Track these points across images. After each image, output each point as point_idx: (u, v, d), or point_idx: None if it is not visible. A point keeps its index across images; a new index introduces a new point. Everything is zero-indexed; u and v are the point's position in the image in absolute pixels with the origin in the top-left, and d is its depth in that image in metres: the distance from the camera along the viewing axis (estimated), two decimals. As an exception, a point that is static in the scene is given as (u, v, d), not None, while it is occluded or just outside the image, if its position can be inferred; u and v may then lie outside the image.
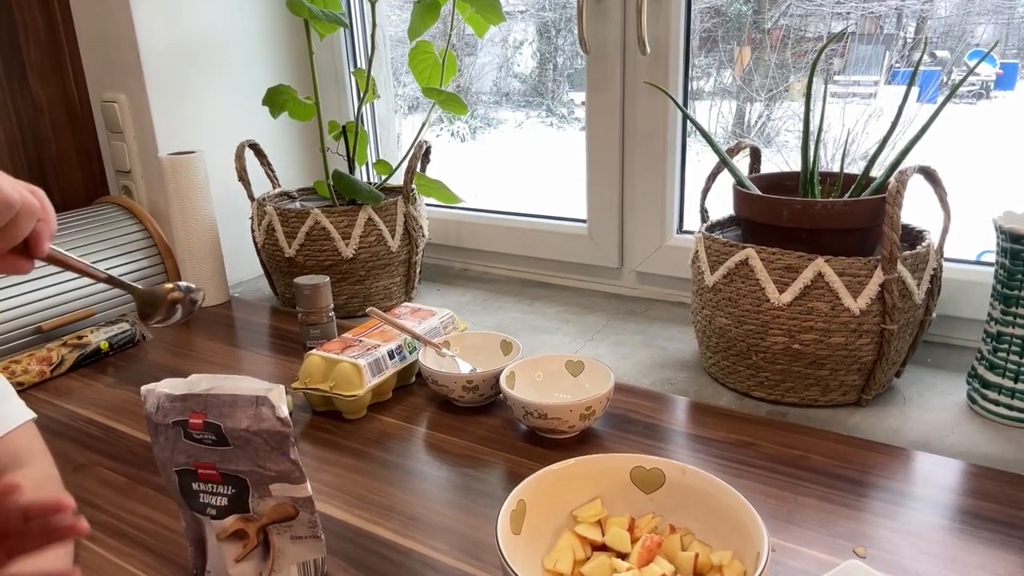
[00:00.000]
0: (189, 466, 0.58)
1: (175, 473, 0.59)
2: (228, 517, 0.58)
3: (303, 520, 0.58)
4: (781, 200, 0.88)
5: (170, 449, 0.59)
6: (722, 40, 1.59)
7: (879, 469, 0.76)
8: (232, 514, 0.58)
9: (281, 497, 0.58)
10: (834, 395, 0.89)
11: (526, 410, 0.81)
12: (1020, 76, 1.56)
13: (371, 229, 1.22)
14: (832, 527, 0.67)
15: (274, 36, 1.46)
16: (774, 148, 1.64)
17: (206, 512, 0.58)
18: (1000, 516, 0.68)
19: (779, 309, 0.85)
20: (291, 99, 1.25)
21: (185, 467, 0.59)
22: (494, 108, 2.23)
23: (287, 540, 0.59)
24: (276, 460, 0.56)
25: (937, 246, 0.89)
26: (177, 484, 0.59)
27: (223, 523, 0.58)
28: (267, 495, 0.57)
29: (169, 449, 0.59)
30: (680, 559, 0.57)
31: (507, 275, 1.44)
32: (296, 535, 0.59)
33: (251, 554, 0.58)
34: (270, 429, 0.55)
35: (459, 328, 1.06)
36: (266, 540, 0.59)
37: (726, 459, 0.79)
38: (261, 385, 0.56)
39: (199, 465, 0.58)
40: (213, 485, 0.58)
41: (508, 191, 2.08)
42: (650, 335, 1.14)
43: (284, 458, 0.56)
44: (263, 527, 0.58)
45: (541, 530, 0.61)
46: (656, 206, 1.23)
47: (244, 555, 0.58)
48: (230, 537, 0.58)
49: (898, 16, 1.52)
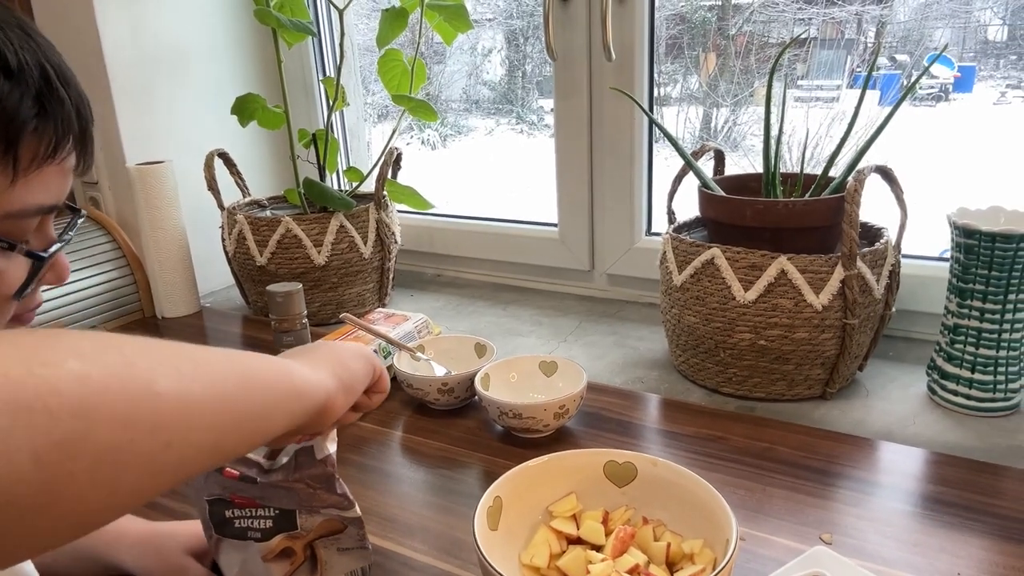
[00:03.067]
0: (224, 496, 0.56)
1: (206, 502, 0.56)
2: (275, 537, 0.56)
3: (351, 533, 0.57)
4: (744, 201, 0.90)
5: (202, 477, 0.55)
6: (688, 46, 1.62)
7: (844, 459, 0.78)
8: (279, 534, 0.56)
9: (329, 514, 0.56)
10: (800, 389, 0.91)
11: (501, 410, 0.82)
12: (978, 79, 1.61)
13: (343, 236, 1.22)
14: (799, 515, 0.70)
15: (242, 45, 1.46)
16: (741, 152, 1.68)
17: (247, 536, 0.56)
18: (960, 501, 0.71)
19: (745, 306, 0.87)
20: (260, 107, 1.25)
21: (219, 497, 0.56)
22: (464, 116, 2.24)
23: (334, 552, 0.57)
24: (322, 498, 0.54)
25: (895, 243, 0.92)
26: (207, 513, 0.57)
27: (269, 544, 0.56)
28: (316, 513, 0.56)
29: (201, 477, 0.55)
30: (653, 549, 0.59)
31: (480, 280, 1.45)
32: (343, 547, 0.57)
33: (298, 570, 0.56)
34: (314, 473, 0.53)
35: (433, 332, 1.06)
36: (312, 553, 0.57)
37: (697, 453, 0.81)
38: None
39: (237, 498, 0.55)
40: (252, 511, 0.56)
41: (479, 197, 2.09)
42: (622, 335, 1.16)
43: (331, 494, 0.54)
44: (310, 542, 0.57)
45: (518, 526, 0.62)
46: (625, 209, 1.25)
47: (292, 572, 0.56)
48: (277, 557, 0.56)
49: (858, 21, 1.55)
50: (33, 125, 0.41)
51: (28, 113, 0.40)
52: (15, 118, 0.40)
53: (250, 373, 0.39)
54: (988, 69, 1.59)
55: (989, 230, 0.80)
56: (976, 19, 1.51)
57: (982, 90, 1.62)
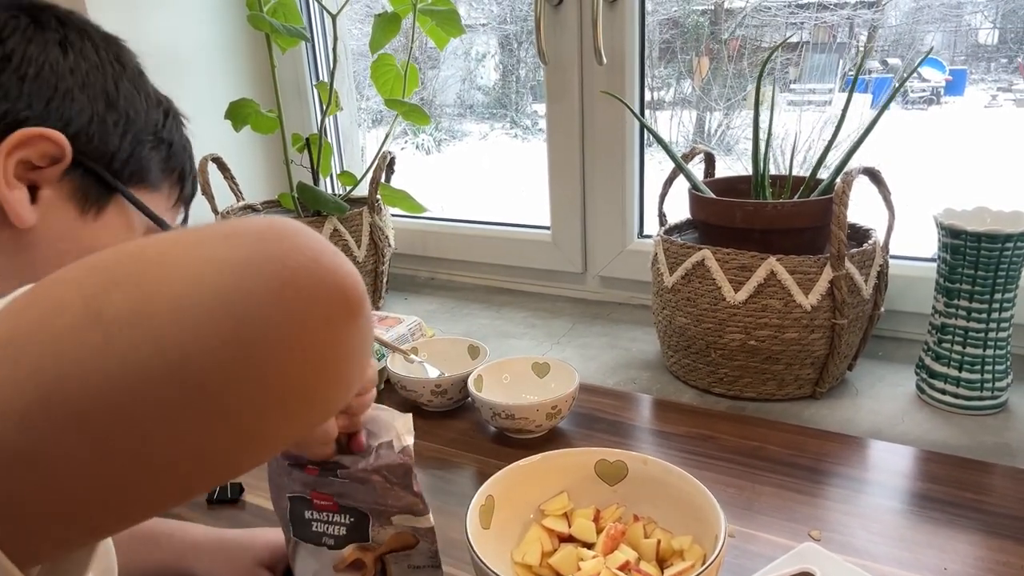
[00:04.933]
0: (305, 494, 0.55)
1: (288, 499, 0.56)
2: (346, 547, 0.55)
3: (422, 550, 0.56)
4: (734, 202, 0.91)
5: (286, 474, 0.55)
6: (681, 51, 1.63)
7: (833, 457, 0.79)
8: (350, 543, 0.55)
9: (402, 527, 0.55)
10: (789, 389, 0.92)
11: (494, 411, 0.83)
12: (969, 82, 1.63)
13: (337, 240, 1.23)
14: (789, 513, 0.70)
15: (235, 50, 1.47)
16: (734, 156, 1.69)
17: (321, 542, 0.55)
18: (947, 497, 0.72)
19: (735, 307, 0.88)
20: (253, 112, 1.26)
21: (300, 495, 0.55)
22: (458, 120, 2.25)
23: (405, 568, 0.56)
24: (398, 495, 0.53)
25: (883, 243, 0.93)
26: (288, 512, 0.56)
27: (341, 553, 0.55)
28: (388, 524, 0.55)
29: (285, 474, 0.55)
30: (643, 546, 0.60)
31: (473, 283, 1.46)
32: (414, 564, 0.56)
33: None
34: (391, 463, 0.52)
35: (427, 334, 1.07)
36: (383, 569, 0.56)
37: (688, 452, 0.81)
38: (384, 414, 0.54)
39: (316, 495, 0.55)
40: (329, 514, 0.55)
41: (474, 202, 2.10)
42: (614, 337, 1.17)
43: (407, 492, 0.53)
44: (381, 556, 0.55)
45: (510, 524, 0.62)
46: (617, 212, 1.26)
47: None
48: (347, 568, 0.55)
49: (850, 25, 1.56)
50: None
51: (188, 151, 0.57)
52: (186, 152, 0.56)
53: None
54: (979, 72, 1.60)
55: (975, 230, 0.81)
56: (967, 23, 1.52)
57: (973, 93, 1.63)
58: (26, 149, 0.45)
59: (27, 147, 0.45)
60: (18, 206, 0.44)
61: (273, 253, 0.28)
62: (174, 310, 0.26)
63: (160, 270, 0.27)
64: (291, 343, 0.28)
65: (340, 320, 0.29)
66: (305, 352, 0.28)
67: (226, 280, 0.27)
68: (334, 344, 0.29)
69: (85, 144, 0.48)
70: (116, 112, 0.50)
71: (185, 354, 0.26)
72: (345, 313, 0.29)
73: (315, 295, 0.28)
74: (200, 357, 0.26)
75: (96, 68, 0.50)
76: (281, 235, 0.29)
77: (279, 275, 0.28)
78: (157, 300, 0.26)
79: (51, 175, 0.46)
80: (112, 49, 0.52)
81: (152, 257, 0.28)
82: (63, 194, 0.47)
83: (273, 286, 0.27)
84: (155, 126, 0.52)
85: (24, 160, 0.45)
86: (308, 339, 0.28)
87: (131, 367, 0.25)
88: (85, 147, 0.48)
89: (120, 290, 0.26)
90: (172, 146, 0.54)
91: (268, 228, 0.29)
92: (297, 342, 0.28)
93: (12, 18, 0.47)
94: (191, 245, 0.29)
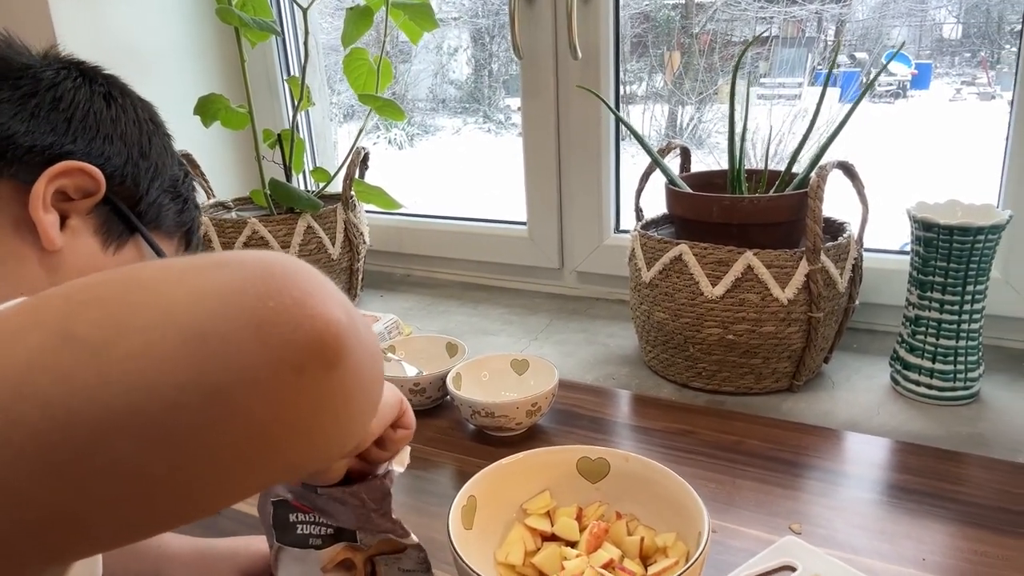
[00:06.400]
0: (288, 499, 0.54)
1: (271, 504, 0.55)
2: (335, 545, 0.54)
3: (411, 555, 0.55)
4: (710, 197, 0.91)
5: None
6: (652, 45, 1.63)
7: (812, 450, 0.80)
8: (339, 542, 0.54)
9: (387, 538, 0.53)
10: (767, 382, 0.93)
11: (473, 409, 0.82)
12: (934, 76, 1.65)
13: (311, 237, 1.21)
14: (769, 507, 0.71)
15: (204, 44, 1.44)
16: (706, 150, 1.70)
17: (308, 544, 0.54)
18: (923, 488, 0.72)
19: (713, 302, 0.88)
20: (223, 108, 1.23)
21: (284, 499, 0.54)
22: (431, 115, 2.24)
23: (395, 572, 0.55)
24: (376, 521, 0.52)
25: (857, 237, 0.94)
26: (271, 517, 0.55)
27: (330, 552, 0.54)
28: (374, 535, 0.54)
29: None
30: (627, 543, 0.59)
31: (450, 279, 1.45)
32: (405, 568, 0.55)
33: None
34: (370, 486, 0.51)
35: (404, 332, 1.06)
36: (372, 571, 0.55)
37: (668, 447, 0.82)
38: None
39: (299, 504, 0.54)
40: (315, 515, 0.54)
41: (448, 197, 2.09)
42: (592, 332, 1.16)
43: (384, 519, 0.51)
44: (371, 557, 0.55)
45: (492, 524, 0.62)
46: (593, 207, 1.26)
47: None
48: (336, 568, 0.54)
49: (818, 20, 1.58)
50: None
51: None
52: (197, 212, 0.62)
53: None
54: (944, 67, 1.63)
55: (947, 223, 0.82)
56: (932, 18, 1.55)
57: (939, 87, 1.66)
58: (65, 179, 0.49)
59: (67, 177, 0.49)
60: (50, 229, 0.48)
61: (256, 289, 0.27)
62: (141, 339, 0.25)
63: (140, 295, 0.27)
64: (256, 389, 0.26)
65: (313, 370, 0.27)
66: (270, 401, 0.26)
67: (198, 311, 0.26)
68: (302, 395, 0.27)
69: (118, 184, 0.53)
70: (148, 161, 0.55)
71: (146, 386, 0.24)
72: (319, 363, 0.27)
73: (289, 340, 0.26)
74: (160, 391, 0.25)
75: (134, 123, 0.55)
76: (271, 271, 0.28)
77: (256, 313, 0.26)
78: (127, 326, 0.25)
79: (82, 207, 0.51)
80: (148, 110, 0.58)
81: (140, 280, 0.27)
82: (89, 227, 0.51)
83: (245, 324, 0.26)
84: (176, 181, 0.58)
85: (61, 189, 0.49)
86: (275, 387, 0.26)
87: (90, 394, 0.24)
88: (117, 187, 0.53)
89: (94, 311, 0.26)
90: (187, 202, 0.60)
91: (259, 262, 0.28)
92: (263, 389, 0.26)
93: (63, 69, 0.53)
94: (180, 270, 0.28)
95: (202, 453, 0.26)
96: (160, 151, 0.57)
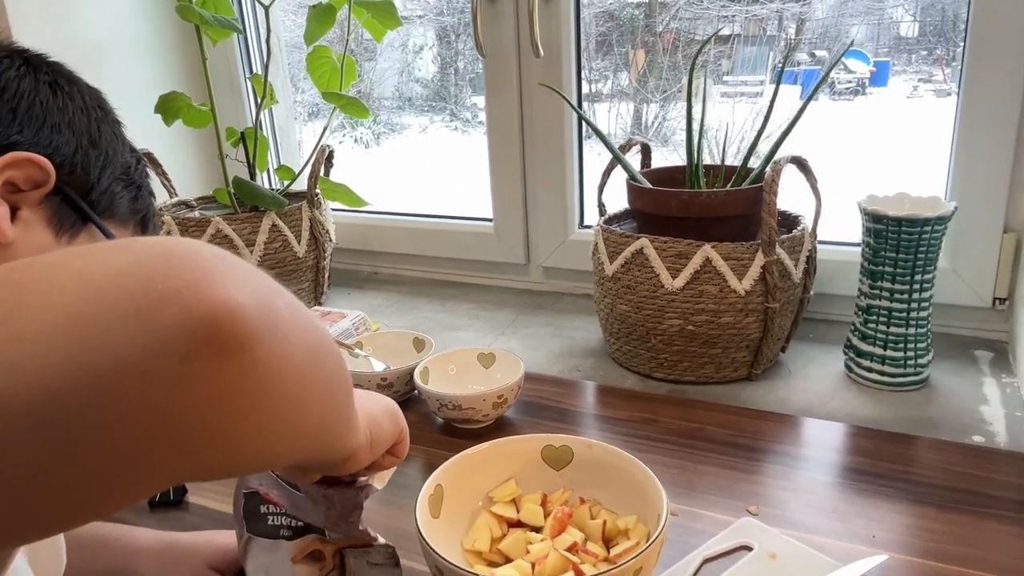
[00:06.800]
0: (260, 491, 0.55)
1: (243, 495, 0.55)
2: (305, 536, 0.54)
3: (379, 550, 0.56)
4: (670, 192, 0.94)
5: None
6: (617, 43, 1.65)
7: (769, 435, 0.82)
8: (309, 534, 0.54)
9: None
10: (727, 371, 0.95)
11: (441, 402, 0.84)
12: (892, 73, 1.69)
13: (276, 235, 1.21)
14: (728, 490, 0.73)
15: (164, 42, 1.42)
16: (671, 147, 1.72)
17: (279, 535, 0.54)
18: (875, 469, 0.76)
19: (673, 294, 0.90)
20: (185, 106, 1.22)
21: (255, 490, 0.55)
22: (397, 113, 2.23)
23: (363, 564, 0.56)
24: (344, 527, 0.53)
25: (811, 229, 0.97)
26: (243, 508, 0.56)
27: (299, 543, 0.54)
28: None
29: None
30: (590, 527, 0.61)
31: (417, 276, 1.46)
32: (373, 561, 0.56)
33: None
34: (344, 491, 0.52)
35: (371, 328, 1.07)
36: (342, 562, 0.56)
37: (631, 435, 0.84)
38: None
39: (269, 498, 0.54)
40: (285, 509, 0.55)
41: (416, 195, 2.09)
42: (558, 326, 1.18)
43: (351, 527, 0.53)
44: (340, 549, 0.55)
45: (459, 513, 0.63)
46: (558, 203, 1.28)
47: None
48: (306, 559, 0.54)
49: (779, 18, 1.61)
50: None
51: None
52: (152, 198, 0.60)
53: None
54: (901, 64, 1.67)
55: (895, 215, 0.86)
56: (889, 16, 1.59)
57: (897, 84, 1.70)
58: (13, 170, 0.48)
59: (15, 168, 0.48)
60: (1, 221, 0.47)
61: (145, 272, 0.25)
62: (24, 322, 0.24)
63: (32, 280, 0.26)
64: (134, 375, 0.24)
65: (203, 358, 0.25)
66: (152, 389, 0.24)
67: (80, 294, 0.25)
68: (194, 385, 0.25)
69: (67, 173, 0.52)
70: (98, 150, 0.54)
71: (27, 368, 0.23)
72: (212, 351, 0.25)
73: (172, 324, 0.24)
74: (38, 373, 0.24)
75: (81, 110, 0.54)
76: (169, 255, 0.26)
77: (139, 296, 0.24)
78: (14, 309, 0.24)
79: (32, 198, 0.49)
80: (96, 97, 0.57)
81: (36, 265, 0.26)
82: (41, 217, 0.50)
83: (125, 307, 0.24)
84: (128, 169, 0.57)
85: (10, 181, 0.48)
86: (156, 374, 0.24)
87: None
88: (67, 176, 0.52)
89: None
90: (141, 189, 0.59)
91: (160, 246, 0.26)
92: (142, 376, 0.24)
93: (6, 58, 0.51)
94: (74, 255, 0.26)
95: (87, 441, 0.24)
96: (110, 138, 0.56)
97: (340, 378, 0.34)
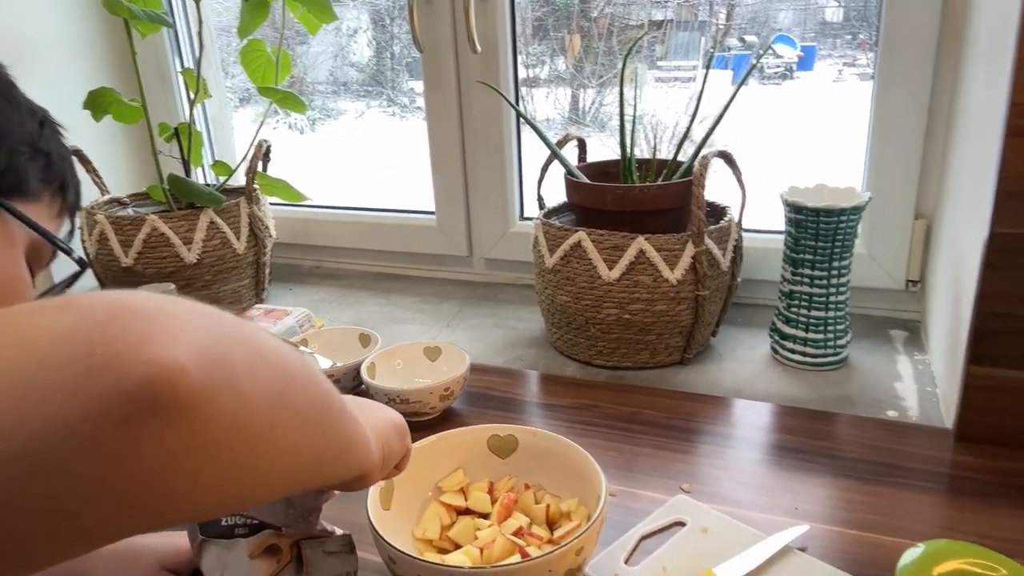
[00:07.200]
0: None
1: None
2: (261, 532, 0.55)
3: (336, 539, 0.57)
4: (605, 187, 0.97)
5: None
6: (553, 28, 1.67)
7: (702, 417, 0.87)
8: (265, 530, 0.55)
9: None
10: (661, 357, 1.00)
11: (388, 397, 0.85)
12: (818, 58, 1.76)
13: (214, 232, 1.20)
14: (664, 470, 0.77)
15: (92, 36, 1.38)
16: (608, 132, 1.76)
17: (234, 534, 0.55)
18: (801, 446, 0.81)
19: (610, 284, 0.94)
20: (115, 101, 1.20)
21: None
22: (332, 98, 2.20)
23: (320, 554, 0.57)
24: (302, 525, 0.54)
25: (737, 220, 1.02)
26: None
27: (256, 539, 0.54)
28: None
29: None
30: (534, 511, 0.64)
31: (360, 270, 1.46)
32: (329, 550, 0.57)
33: (284, 570, 0.55)
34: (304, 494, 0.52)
35: (316, 325, 1.07)
36: (299, 554, 0.56)
37: (573, 421, 0.87)
38: None
39: None
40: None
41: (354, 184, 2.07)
42: (501, 317, 1.21)
43: (309, 526, 0.54)
44: (296, 542, 0.56)
45: (409, 504, 0.66)
46: (499, 196, 1.30)
47: (279, 571, 0.55)
48: (263, 554, 0.54)
49: (710, 4, 1.65)
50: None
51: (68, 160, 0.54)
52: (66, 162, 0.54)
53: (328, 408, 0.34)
54: (827, 48, 1.73)
55: (814, 206, 0.91)
56: (815, 1, 1.64)
57: (822, 68, 1.76)
58: None
59: None
60: None
61: (89, 335, 0.24)
62: None
63: None
64: (75, 444, 0.23)
65: (143, 423, 0.24)
66: (94, 457, 0.24)
67: (25, 360, 0.24)
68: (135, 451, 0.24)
69: None
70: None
71: None
72: (150, 415, 0.24)
73: (113, 390, 0.24)
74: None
75: None
76: (116, 314, 0.25)
77: (82, 361, 0.24)
78: None
79: None
80: None
81: None
82: None
83: (69, 373, 0.24)
84: (31, 137, 0.51)
85: None
86: (96, 442, 0.24)
87: None
88: None
89: None
90: (51, 156, 0.52)
91: (107, 305, 0.25)
92: (83, 444, 0.24)
93: None
94: (20, 315, 0.26)
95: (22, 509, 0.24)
96: (2, 109, 0.50)
97: (321, 408, 0.34)
